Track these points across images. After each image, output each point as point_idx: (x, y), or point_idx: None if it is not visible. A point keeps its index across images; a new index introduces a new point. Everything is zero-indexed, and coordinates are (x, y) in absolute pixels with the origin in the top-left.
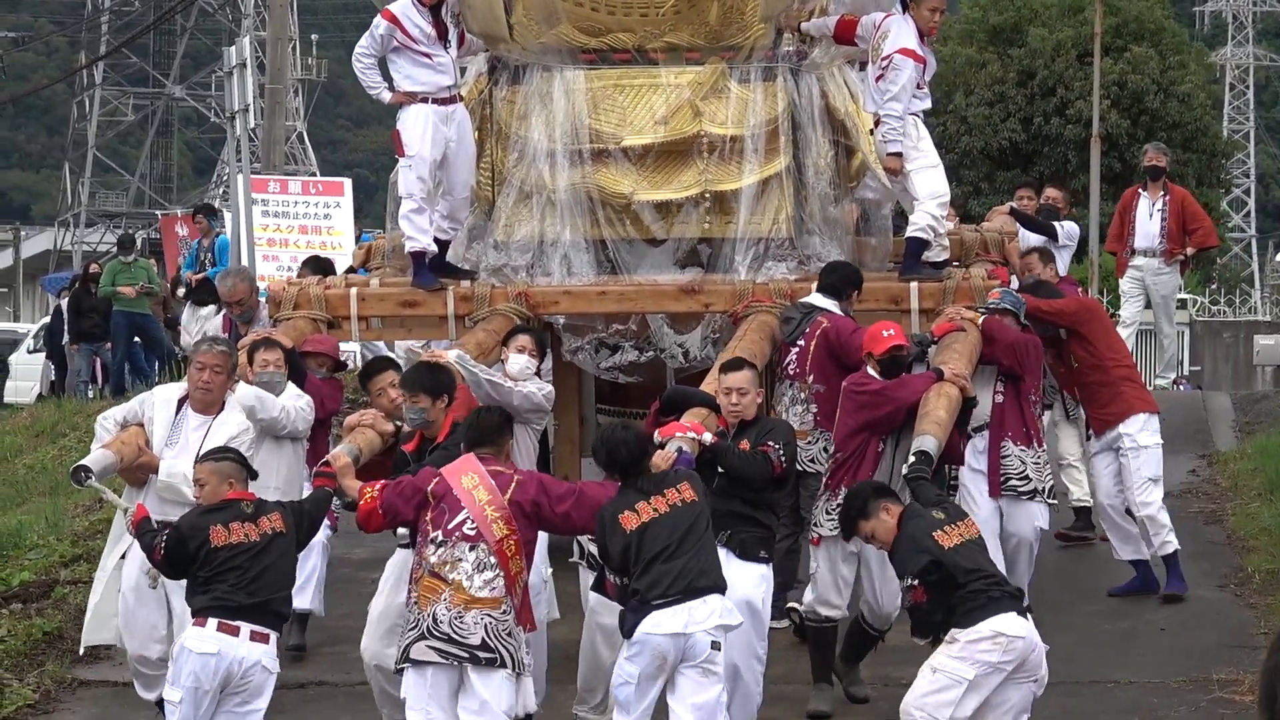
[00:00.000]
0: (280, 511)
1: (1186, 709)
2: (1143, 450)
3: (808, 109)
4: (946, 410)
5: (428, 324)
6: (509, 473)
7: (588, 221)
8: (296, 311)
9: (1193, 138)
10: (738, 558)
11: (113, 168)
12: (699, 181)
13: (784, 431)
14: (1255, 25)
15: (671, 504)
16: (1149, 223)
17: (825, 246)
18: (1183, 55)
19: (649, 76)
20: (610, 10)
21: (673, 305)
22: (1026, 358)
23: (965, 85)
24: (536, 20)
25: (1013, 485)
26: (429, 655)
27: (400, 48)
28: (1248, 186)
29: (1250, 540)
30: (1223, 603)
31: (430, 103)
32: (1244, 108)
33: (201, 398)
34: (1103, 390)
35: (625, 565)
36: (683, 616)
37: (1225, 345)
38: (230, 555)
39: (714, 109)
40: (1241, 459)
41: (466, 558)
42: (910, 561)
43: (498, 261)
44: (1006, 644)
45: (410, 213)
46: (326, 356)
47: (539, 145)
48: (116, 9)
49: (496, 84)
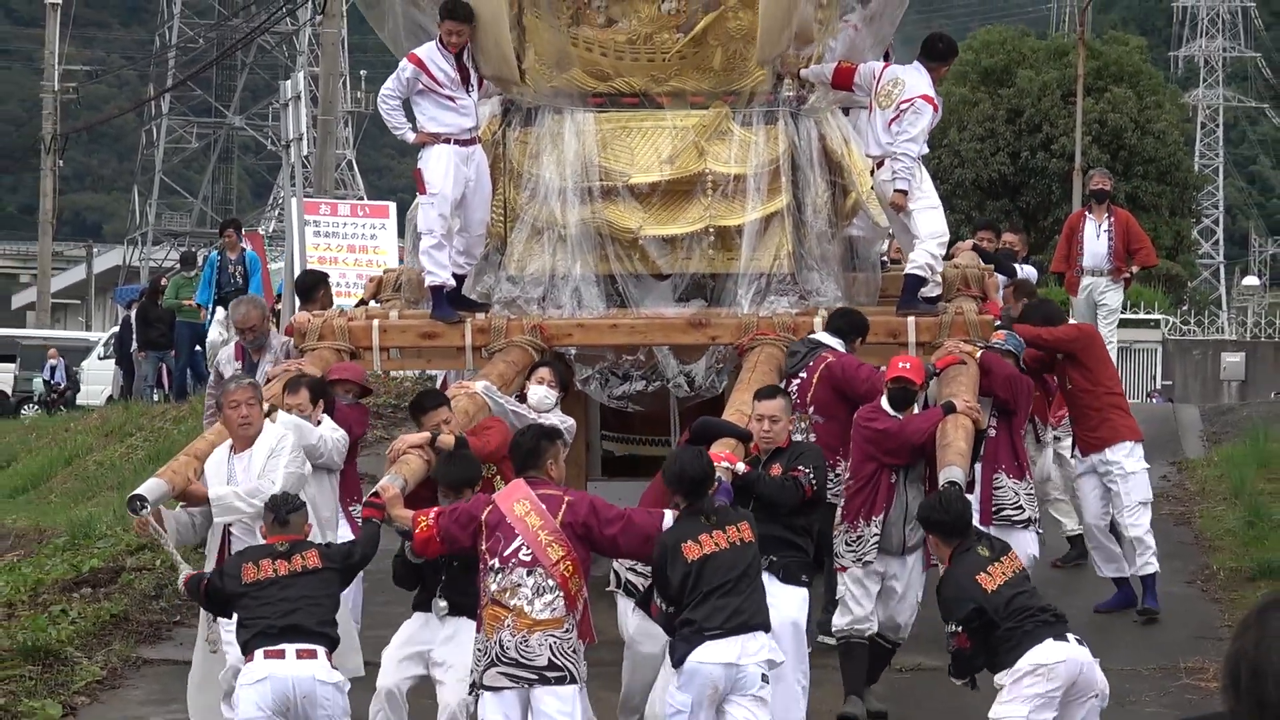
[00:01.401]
0: (318, 551)
1: (1156, 694)
2: (1130, 476)
3: (806, 150)
4: (965, 441)
5: (446, 355)
6: (559, 495)
7: (597, 256)
8: (321, 342)
9: (1167, 171)
10: (780, 581)
11: (177, 190)
12: (703, 218)
13: (814, 456)
14: (1225, 69)
15: (732, 541)
16: (1096, 243)
17: (823, 282)
18: (1158, 96)
19: (655, 119)
20: (618, 56)
21: (680, 337)
22: (1020, 394)
23: (958, 122)
24: (548, 65)
25: (1007, 515)
26: (500, 681)
27: (425, 90)
28: (1217, 217)
29: (1216, 540)
30: (1190, 598)
31: (452, 143)
32: (1214, 144)
33: (244, 433)
34: (1093, 413)
35: (681, 593)
36: (735, 648)
37: (1195, 362)
38: (259, 590)
39: (718, 150)
40: (1209, 466)
41: (525, 583)
42: (955, 609)
43: (510, 294)
44: (1048, 673)
45: (430, 248)
46: (353, 383)
47: (550, 183)
48: (183, 45)
49: (509, 125)
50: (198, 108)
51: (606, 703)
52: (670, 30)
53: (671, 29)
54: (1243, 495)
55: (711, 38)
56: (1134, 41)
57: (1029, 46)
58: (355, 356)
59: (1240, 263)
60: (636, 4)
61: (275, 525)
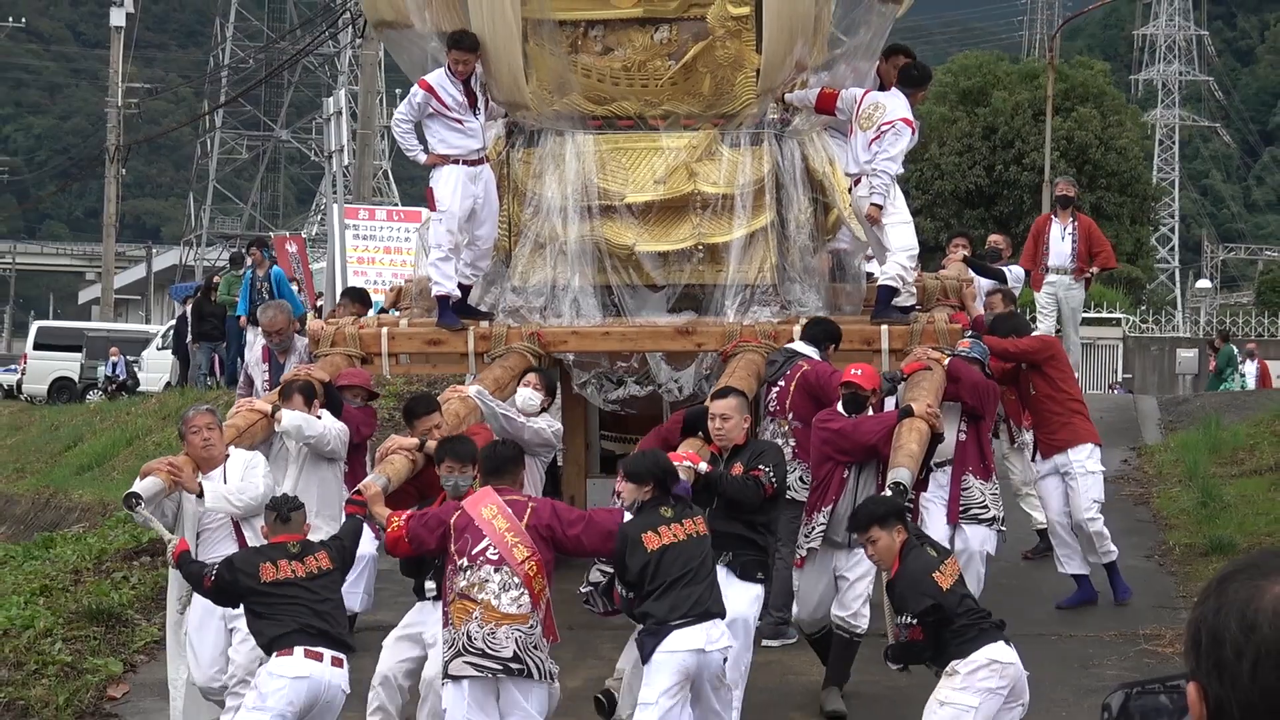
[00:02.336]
0: (325, 550)
1: (1118, 659)
2: (1088, 475)
3: (790, 170)
4: (918, 444)
5: (451, 360)
6: (524, 500)
7: (595, 269)
8: (334, 349)
9: (1128, 184)
10: (738, 578)
11: (229, 197)
12: (694, 234)
13: (774, 454)
14: (1181, 91)
15: (689, 533)
16: (1061, 244)
17: (805, 293)
18: (1120, 115)
19: (650, 141)
20: (615, 82)
21: (669, 345)
22: (987, 400)
23: (938, 138)
24: (550, 90)
25: (974, 514)
26: (466, 670)
27: (435, 114)
28: (1173, 225)
29: (1171, 519)
30: (1148, 571)
31: (461, 164)
32: (1170, 160)
33: (207, 454)
34: (1055, 418)
35: (641, 580)
36: (701, 636)
37: (1153, 357)
38: (280, 588)
39: (707, 170)
40: (1165, 451)
41: (492, 579)
42: (912, 602)
43: (514, 304)
44: (1001, 670)
45: (438, 261)
46: (360, 388)
47: (552, 201)
48: (234, 65)
49: (514, 146)
50: (248, 122)
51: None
52: (663, 58)
53: (664, 57)
54: (1196, 478)
55: (701, 65)
56: (1098, 66)
57: (1003, 70)
58: (366, 362)
59: (1194, 267)
60: (631, 33)
61: (278, 523)
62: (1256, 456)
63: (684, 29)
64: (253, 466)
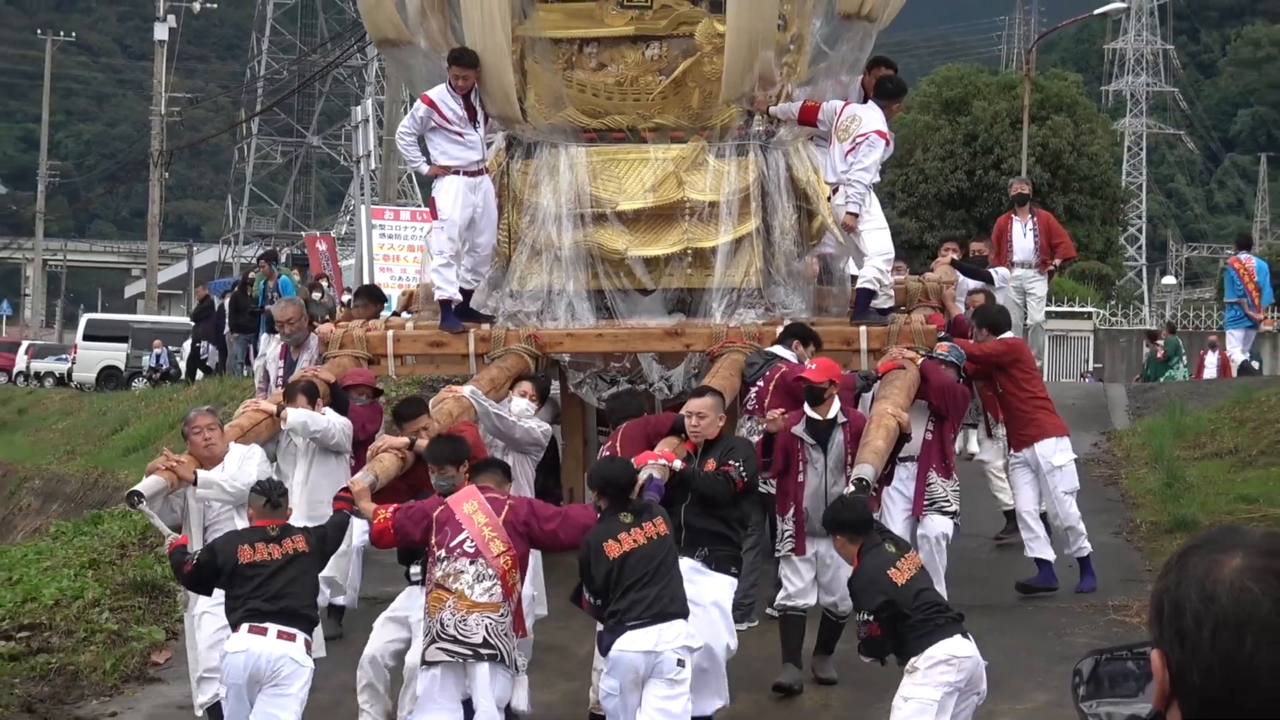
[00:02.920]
0: (304, 534)
1: (1088, 628)
2: (1057, 469)
3: (775, 179)
4: (884, 441)
5: (453, 361)
6: (503, 498)
7: (588, 274)
8: (342, 350)
9: (1099, 187)
10: (711, 570)
11: (264, 199)
12: (682, 240)
13: (743, 449)
14: (1148, 102)
15: (649, 536)
16: (1024, 240)
17: (789, 296)
18: (1092, 124)
19: (640, 152)
20: (608, 96)
21: (659, 345)
22: (953, 402)
23: (923, 144)
24: (546, 104)
25: (939, 506)
26: (439, 655)
27: (437, 127)
28: (1140, 226)
29: (1138, 498)
30: (1117, 547)
31: (461, 174)
32: (1138, 165)
33: (210, 452)
34: (1022, 414)
35: (606, 587)
36: (653, 636)
37: (1121, 348)
38: (254, 571)
39: (695, 179)
40: (1133, 436)
41: (467, 570)
42: (867, 599)
43: (513, 308)
44: (959, 664)
45: (440, 267)
46: (365, 386)
47: (548, 210)
48: (269, 77)
49: (512, 158)
50: (282, 129)
51: None
52: (653, 73)
53: (654, 72)
54: (1161, 460)
55: (689, 80)
56: (1071, 78)
57: (983, 81)
58: (373, 363)
59: (1160, 265)
60: (623, 50)
61: (267, 508)
62: (1217, 440)
63: (673, 46)
64: (248, 457)
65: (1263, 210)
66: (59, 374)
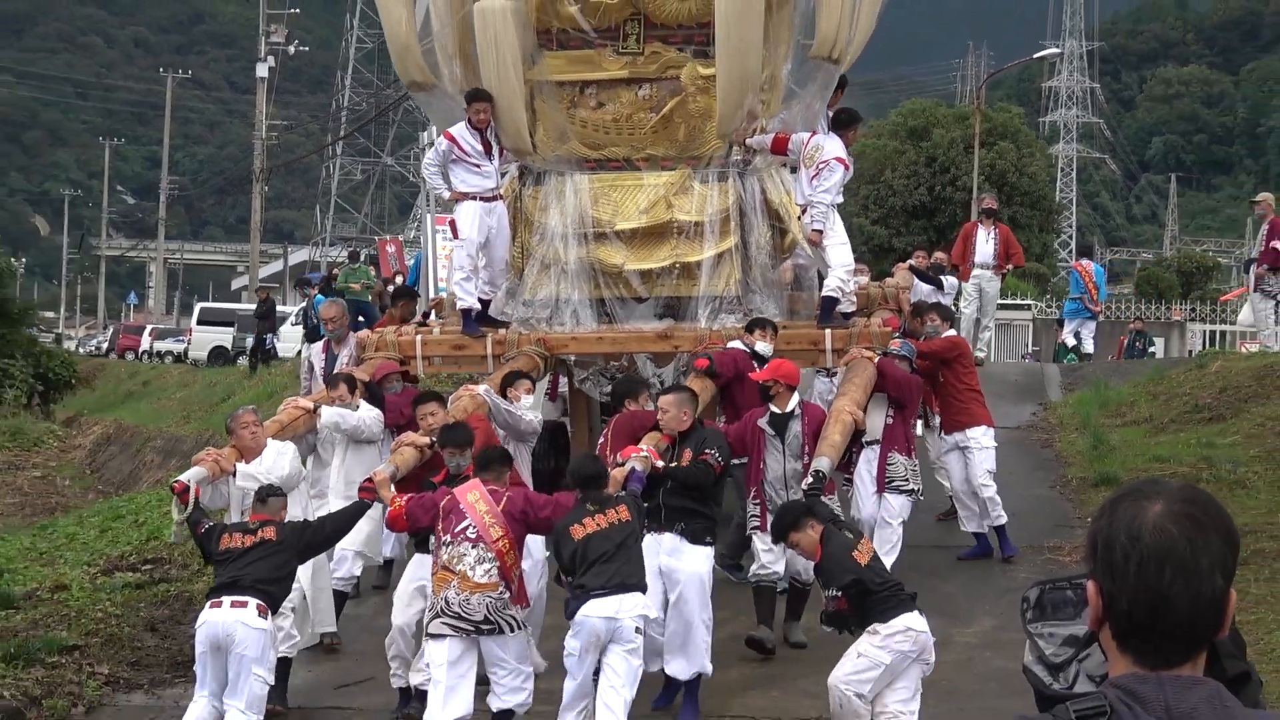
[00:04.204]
0: (277, 528)
1: (1028, 566)
2: (983, 450)
3: (751, 201)
4: (841, 435)
5: (473, 361)
6: (502, 490)
7: (591, 285)
8: (377, 353)
9: (1037, 201)
10: (689, 543)
11: (346, 208)
12: (671, 255)
13: (717, 437)
14: (1077, 131)
15: (610, 521)
16: (986, 246)
17: (764, 302)
18: (1031, 149)
19: (635, 179)
20: (606, 131)
21: (652, 347)
22: (909, 392)
23: (891, 165)
24: (553, 138)
25: (897, 485)
26: (443, 630)
27: (457, 159)
28: (1071, 233)
29: (1070, 458)
30: (1052, 499)
31: (478, 200)
32: (1070, 183)
33: (254, 443)
34: (958, 403)
35: (573, 565)
36: (614, 605)
37: (1054, 334)
38: (225, 555)
39: (682, 202)
40: (1065, 407)
41: (469, 554)
42: (837, 578)
43: (525, 315)
44: (915, 636)
45: (461, 280)
46: (395, 375)
47: (555, 229)
48: (351, 107)
49: (525, 185)
50: (361, 150)
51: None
52: (645, 111)
53: (646, 110)
54: (1089, 427)
55: (676, 116)
56: (1014, 110)
57: (941, 113)
58: (403, 364)
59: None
60: (619, 92)
61: (257, 504)
62: (1135, 410)
63: (662, 87)
64: (282, 453)
65: (1172, 221)
66: (176, 353)
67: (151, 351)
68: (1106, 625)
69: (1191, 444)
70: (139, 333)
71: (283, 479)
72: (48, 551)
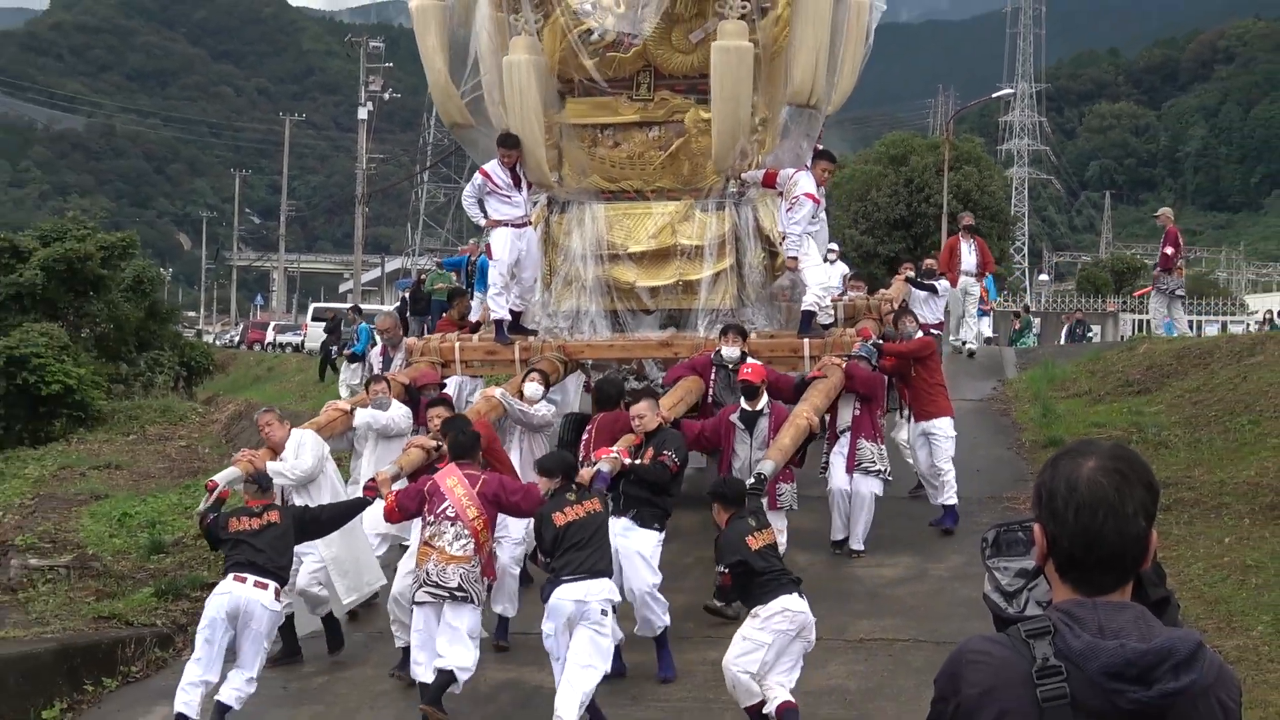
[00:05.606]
0: (279, 511)
1: (989, 513)
2: (946, 439)
3: (745, 228)
4: (792, 440)
5: (504, 365)
6: (478, 474)
7: (606, 299)
8: (421, 358)
9: (995, 214)
10: (639, 526)
11: (432, 225)
12: (676, 274)
13: (675, 439)
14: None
15: (588, 511)
16: (969, 257)
17: (755, 315)
18: (991, 172)
19: (645, 208)
20: (621, 167)
21: (657, 353)
22: (874, 388)
23: (876, 186)
24: (575, 173)
25: (865, 467)
26: (424, 597)
27: (491, 191)
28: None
29: (1024, 425)
30: (1009, 458)
31: (509, 226)
32: (1022, 200)
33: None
34: (926, 395)
35: (553, 547)
36: (583, 589)
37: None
38: (238, 537)
39: (685, 228)
40: (1020, 383)
41: (448, 531)
42: (726, 556)
43: (550, 325)
44: (792, 616)
45: (494, 295)
46: (432, 385)
47: (577, 251)
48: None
49: (551, 213)
50: (443, 178)
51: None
52: (655, 149)
53: (656, 149)
54: (1039, 399)
55: (682, 154)
56: (977, 140)
57: (917, 142)
58: (445, 367)
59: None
60: (632, 133)
61: (258, 491)
62: (1076, 385)
63: (669, 129)
64: (301, 445)
65: (1107, 229)
66: (294, 344)
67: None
68: (1050, 560)
69: (1123, 412)
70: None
71: (305, 471)
72: (191, 506)
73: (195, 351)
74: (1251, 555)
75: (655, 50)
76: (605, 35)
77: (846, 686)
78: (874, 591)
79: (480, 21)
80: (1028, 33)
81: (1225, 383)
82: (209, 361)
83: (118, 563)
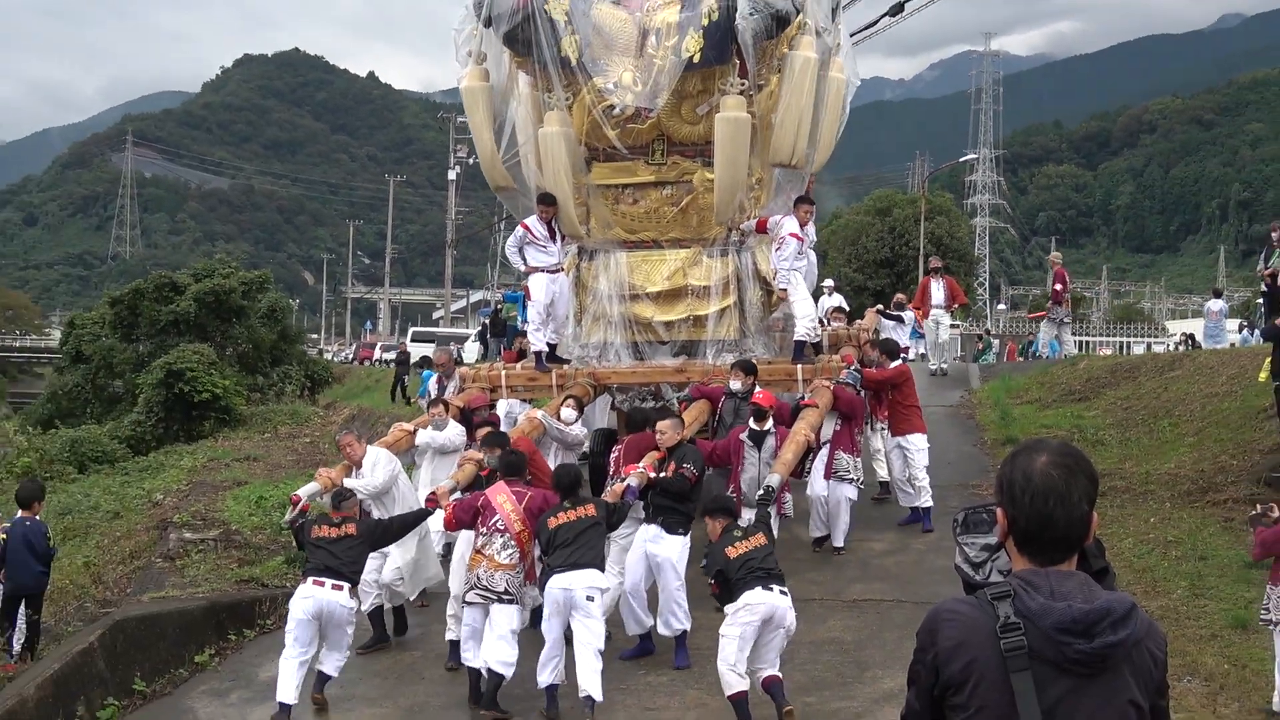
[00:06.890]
0: (356, 524)
1: (957, 497)
2: (919, 452)
3: (746, 270)
4: (793, 454)
5: (543, 390)
6: (525, 491)
7: (629, 333)
8: (473, 384)
9: (962, 256)
10: (667, 533)
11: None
12: (687, 310)
13: (692, 453)
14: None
15: (580, 516)
16: (938, 293)
17: (755, 345)
18: (959, 222)
19: (660, 255)
20: (639, 221)
21: (671, 378)
22: (855, 409)
23: (864, 232)
24: (601, 226)
25: (841, 474)
26: (475, 599)
27: (530, 242)
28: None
29: (986, 426)
30: (975, 454)
31: (545, 272)
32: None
33: (354, 457)
34: (902, 415)
35: (549, 546)
36: (569, 579)
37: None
38: (319, 543)
39: (695, 271)
40: (983, 392)
41: (497, 541)
42: (710, 568)
43: (582, 354)
44: (753, 608)
45: (533, 331)
46: (482, 406)
47: (603, 291)
48: None
49: (581, 259)
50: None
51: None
52: (668, 205)
53: (669, 204)
54: (998, 405)
55: (691, 209)
56: (948, 196)
57: (899, 197)
58: (494, 391)
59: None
60: (649, 191)
61: (336, 504)
62: (1030, 394)
63: (680, 188)
64: (376, 463)
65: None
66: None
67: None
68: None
69: (1067, 416)
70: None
71: (378, 486)
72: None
73: (317, 366)
74: (1172, 533)
75: (668, 122)
76: (625, 110)
77: (843, 638)
78: (865, 561)
79: (519, 100)
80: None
81: (1150, 392)
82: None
83: (255, 536)
